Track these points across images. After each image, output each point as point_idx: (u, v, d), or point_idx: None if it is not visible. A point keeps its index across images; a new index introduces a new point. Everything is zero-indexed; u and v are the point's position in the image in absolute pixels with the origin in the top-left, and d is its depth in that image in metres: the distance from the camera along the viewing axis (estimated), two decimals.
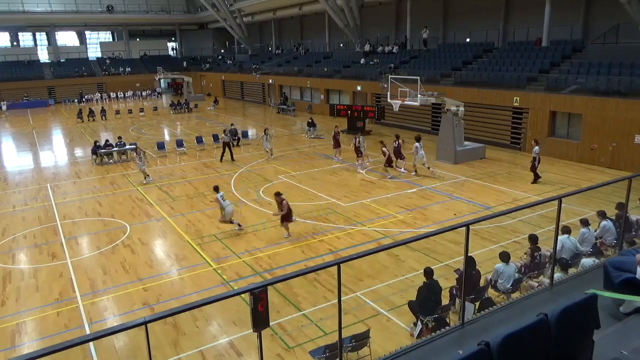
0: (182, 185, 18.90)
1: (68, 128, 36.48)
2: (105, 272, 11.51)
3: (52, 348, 3.62)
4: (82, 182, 20.07)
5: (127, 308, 9.94)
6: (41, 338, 9.05)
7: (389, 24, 38.55)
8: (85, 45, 64.76)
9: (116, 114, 41.49)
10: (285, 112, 39.46)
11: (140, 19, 61.77)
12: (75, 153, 27.04)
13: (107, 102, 52.32)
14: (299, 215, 14.73)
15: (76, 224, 15.04)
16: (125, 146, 24.12)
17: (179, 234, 13.79)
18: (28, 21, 56.55)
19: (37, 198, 17.98)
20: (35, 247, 13.30)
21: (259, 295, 4.72)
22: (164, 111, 43.73)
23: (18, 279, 11.41)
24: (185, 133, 31.27)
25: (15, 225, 15.09)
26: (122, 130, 31.70)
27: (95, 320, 9.52)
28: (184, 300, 10.08)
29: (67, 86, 54.30)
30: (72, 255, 12.58)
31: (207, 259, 11.97)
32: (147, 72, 57.42)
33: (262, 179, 19.13)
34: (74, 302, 10.21)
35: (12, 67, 54.97)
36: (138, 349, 8.22)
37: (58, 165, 24.30)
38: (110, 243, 13.27)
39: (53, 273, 11.63)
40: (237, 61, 55.32)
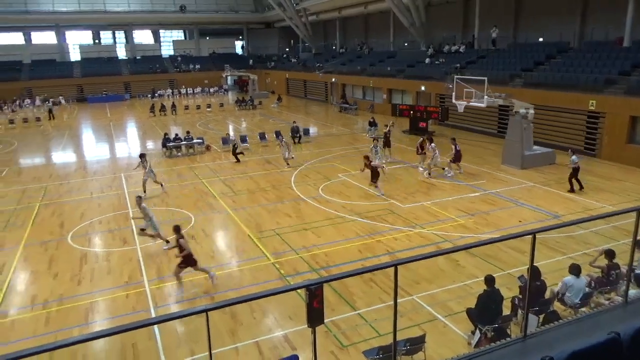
0: (244, 180, 19.44)
1: (141, 121, 38.60)
2: (170, 260, 12.07)
3: (121, 327, 3.87)
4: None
5: (189, 295, 10.39)
6: (111, 317, 9.66)
7: (456, 22, 37.52)
8: (159, 44, 68.10)
9: (185, 109, 43.36)
10: (347, 111, 39.51)
11: (210, 19, 64.12)
12: (147, 145, 28.55)
13: (178, 97, 54.74)
14: (358, 214, 14.74)
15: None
16: (192, 140, 25.16)
17: (240, 227, 14.21)
18: (108, 20, 60.40)
19: (111, 186, 19.18)
20: (109, 232, 14.21)
21: (314, 292, 4.78)
22: (230, 107, 45.17)
23: (93, 261, 12.24)
24: (249, 129, 32.12)
25: (92, 210, 16.18)
26: (190, 125, 33.11)
27: (159, 305, 10.03)
28: (242, 291, 10.39)
29: (141, 82, 57.45)
30: (141, 242, 13.30)
31: (266, 253, 12.26)
32: (215, 69, 59.51)
33: (322, 177, 19.28)
34: (142, 286, 10.80)
35: (93, 63, 58.98)
36: (198, 335, 8.58)
37: (131, 156, 25.79)
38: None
39: (124, 257, 12.37)
40: (301, 60, 56.04)
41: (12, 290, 10.90)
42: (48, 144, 29.99)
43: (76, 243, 13.36)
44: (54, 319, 9.61)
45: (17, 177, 21.34)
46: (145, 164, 17.90)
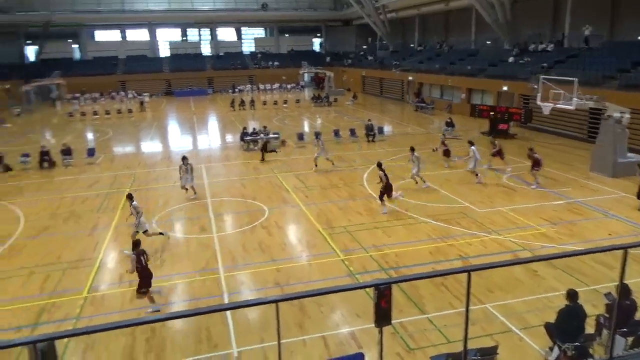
0: (317, 175, 19.70)
1: (221, 115, 40.33)
2: (244, 249, 12.56)
3: (198, 310, 4.12)
4: (230, 165, 22.07)
5: (260, 284, 10.74)
6: (188, 300, 10.23)
7: (544, 19, 35.37)
8: (241, 41, 70.61)
9: (263, 105, 44.67)
10: (422, 110, 38.72)
11: (290, 16, 65.49)
12: (226, 138, 29.80)
13: (256, 93, 56.55)
14: (430, 216, 14.43)
15: (223, 202, 16.62)
16: (269, 135, 25.87)
17: (311, 222, 14.43)
18: (195, 18, 63.60)
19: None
20: (189, 220, 15.02)
21: (383, 292, 4.76)
22: (306, 104, 45.91)
23: (173, 246, 13.00)
24: (323, 126, 32.47)
25: (174, 198, 17.18)
26: (267, 120, 34.07)
27: (232, 291, 10.46)
28: (311, 285, 10.56)
29: (223, 77, 59.97)
30: (218, 231, 13.95)
31: (336, 249, 12.36)
32: (292, 66, 60.69)
33: (395, 176, 19.03)
34: (217, 273, 11.32)
35: (181, 59, 62.45)
36: (267, 324, 8.84)
37: (212, 148, 27.11)
38: (251, 223, 14.42)
39: (201, 244, 13.03)
40: (377, 57, 55.63)
41: (103, 267, 11.87)
42: (138, 134, 32.23)
43: (160, 228, 14.26)
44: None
45: (110, 164, 23.17)
46: (187, 167, 16.73)
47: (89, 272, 11.52)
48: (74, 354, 8.28)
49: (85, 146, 25.82)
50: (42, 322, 9.41)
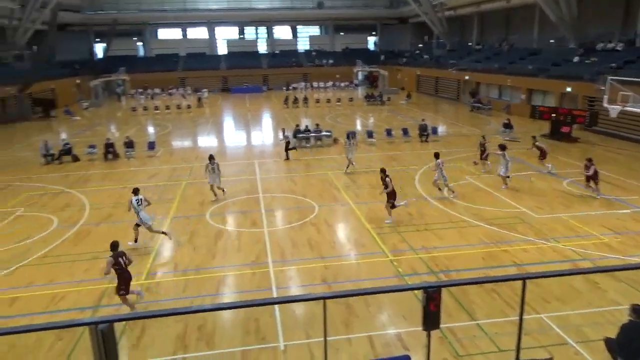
0: (367, 175, 19.60)
1: (275, 112, 40.96)
2: (293, 245, 12.72)
3: (248, 302, 4.22)
4: (282, 162, 22.38)
5: (308, 281, 10.84)
6: (238, 292, 10.49)
7: (614, 17, 33.34)
8: (296, 39, 71.36)
9: (316, 103, 44.95)
10: (479, 111, 37.61)
11: (346, 14, 65.51)
12: (279, 135, 30.22)
13: (310, 91, 56.97)
14: (484, 220, 14.02)
15: (274, 198, 16.90)
16: (321, 133, 26.02)
17: (361, 221, 14.39)
18: (252, 17, 64.92)
19: (245, 171, 20.71)
20: (241, 214, 15.39)
21: (432, 295, 4.68)
22: (359, 102, 45.78)
23: (225, 238, 13.37)
24: (376, 124, 32.26)
25: (228, 192, 17.63)
26: (319, 118, 34.28)
27: (281, 286, 10.63)
28: (359, 284, 10.55)
29: (278, 75, 60.90)
30: (269, 225, 14.20)
31: (385, 249, 12.26)
32: (347, 64, 60.66)
33: (449, 178, 18.64)
34: (266, 267, 11.54)
35: (237, 57, 63.99)
36: (314, 320, 8.92)
37: (265, 145, 27.64)
38: (300, 220, 14.57)
39: (252, 238, 13.31)
40: (433, 56, 54.56)
41: (159, 255, 12.40)
42: (195, 129, 33.35)
43: (213, 220, 14.71)
44: (191, 285, 10.74)
45: (169, 157, 24.14)
46: (213, 166, 16.50)
47: (147, 259, 12.07)
48: (131, 337, 8.71)
49: (146, 139, 27.03)
50: (102, 304, 9.96)
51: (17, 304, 10.09)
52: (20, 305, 10.05)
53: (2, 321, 9.40)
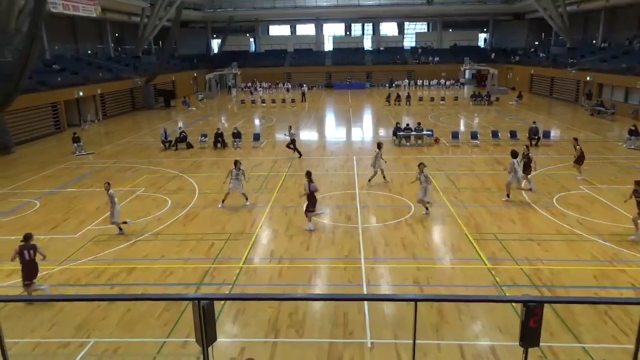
0: (469, 177, 18.83)
1: (376, 109, 40.85)
2: (387, 244, 12.64)
3: (340, 296, 4.29)
4: None
5: (399, 281, 10.72)
6: (329, 284, 10.68)
7: None
8: (403, 35, 70.37)
9: (419, 101, 44.04)
10: (600, 115, 34.22)
11: (456, 10, 63.13)
12: (379, 132, 30.13)
13: (413, 88, 55.93)
14: (599, 234, 12.78)
15: (370, 195, 16.90)
16: (422, 131, 25.46)
17: (459, 224, 13.88)
18: (360, 13, 65.12)
19: (344, 167, 20.96)
20: (337, 208, 15.62)
21: (533, 310, 4.39)
22: (464, 102, 44.03)
23: (320, 231, 13.66)
24: (481, 126, 30.82)
25: (325, 186, 17.99)
26: (421, 117, 33.55)
27: (372, 283, 10.63)
28: (452, 289, 10.20)
29: (382, 72, 60.63)
30: (363, 222, 14.25)
31: (482, 256, 11.71)
32: (453, 62, 58.59)
33: (559, 186, 17.30)
34: (358, 263, 11.60)
35: (343, 53, 64.78)
36: (403, 321, 8.81)
37: (364, 141, 27.71)
38: (395, 219, 14.43)
39: (346, 233, 13.45)
40: (550, 54, 50.61)
41: (257, 242, 13.03)
42: (298, 123, 34.40)
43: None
44: (285, 273, 11.15)
45: (271, 149, 25.21)
46: (238, 172, 15.54)
47: (246, 245, 12.75)
48: (228, 315, 9.28)
49: (252, 131, 28.48)
50: (205, 282, 10.72)
51: (134, 274, 11.23)
52: (137, 275, 11.18)
53: (122, 288, 10.53)
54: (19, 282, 10.58)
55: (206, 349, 4.35)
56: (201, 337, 4.36)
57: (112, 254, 12.33)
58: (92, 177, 20.06)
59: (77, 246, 12.82)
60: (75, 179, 19.81)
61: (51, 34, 39.43)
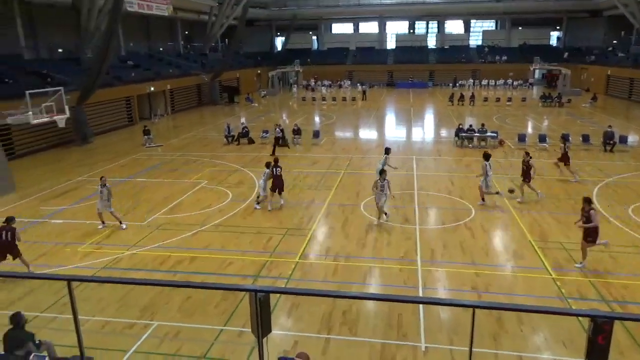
0: (535, 181, 17.92)
1: (439, 109, 39.94)
2: (444, 247, 12.35)
3: (392, 297, 4.25)
4: (441, 160, 21.78)
5: (456, 286, 10.44)
6: (384, 284, 10.60)
7: None
8: (469, 34, 68.26)
9: (484, 101, 42.58)
10: None
11: (526, 8, 60.28)
12: (440, 133, 29.46)
13: (478, 88, 54.13)
14: None
15: (429, 196, 16.57)
16: (486, 133, 24.62)
17: (522, 231, 13.30)
18: (424, 11, 63.82)
19: (403, 167, 20.65)
20: (394, 208, 15.42)
21: (602, 326, 4.12)
22: (533, 103, 42.08)
23: (377, 230, 13.57)
24: (550, 129, 29.32)
25: None
26: (486, 118, 32.42)
27: (428, 286, 10.43)
28: (512, 298, 9.81)
29: (445, 71, 59.18)
30: (421, 223, 14.00)
31: (547, 266, 11.16)
32: (522, 61, 56.02)
33: (635, 195, 16.14)
34: (414, 265, 11.42)
35: (405, 51, 63.85)
36: (459, 327, 8.58)
37: (424, 141, 27.20)
38: (455, 222, 14.06)
39: (403, 234, 13.28)
40: (630, 54, 47.19)
41: (314, 238, 13.16)
42: (357, 121, 34.35)
43: (367, 212, 15.04)
44: (340, 271, 11.19)
45: (330, 146, 25.33)
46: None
47: (303, 240, 12.91)
48: (282, 309, 9.45)
49: (312, 128, 28.75)
50: (262, 275, 10.98)
51: (196, 262, 11.70)
52: (198, 263, 11.65)
53: (184, 275, 11.00)
54: (93, 264, 11.34)
55: (261, 340, 4.46)
56: (257, 328, 4.46)
57: (175, 242, 12.91)
58: (160, 168, 21.08)
59: (144, 233, 13.54)
60: (145, 170, 20.91)
61: (127, 32, 41.77)
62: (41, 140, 25.52)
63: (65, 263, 11.74)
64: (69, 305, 4.26)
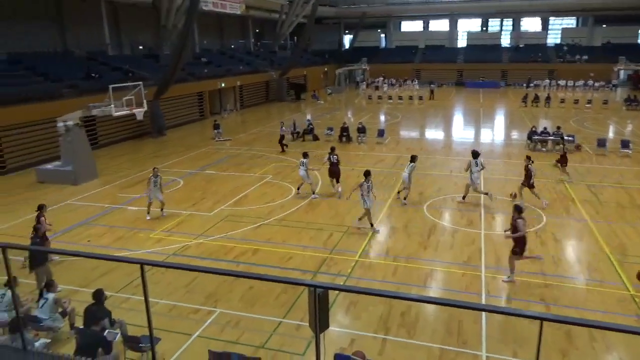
0: (615, 190, 16.79)
1: (511, 110, 38.25)
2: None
3: (453, 302, 4.11)
4: (511, 164, 20.85)
5: (522, 295, 9.98)
6: (445, 289, 10.35)
7: None
8: (546, 32, 64.73)
9: (560, 103, 40.21)
10: None
11: (614, 4, 55.87)
12: (512, 135, 28.21)
13: (554, 89, 51.22)
14: None
15: (496, 200, 15.92)
16: (562, 136, 23.25)
17: (598, 242, 12.46)
18: (499, 8, 61.09)
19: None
20: (458, 211, 15.01)
21: None
22: (615, 105, 39.23)
23: (439, 233, 13.26)
24: (635, 134, 27.21)
25: (448, 187, 17.39)
26: (562, 120, 30.61)
27: (491, 294, 10.05)
28: (584, 313, 9.23)
29: (519, 70, 56.45)
30: (486, 228, 13.51)
31: (625, 281, 10.38)
32: (605, 61, 52.25)
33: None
34: (478, 270, 11.05)
35: (476, 50, 61.65)
36: (523, 338, 8.19)
37: (493, 143, 26.17)
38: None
39: (467, 238, 12.88)
40: None
41: (374, 237, 13.07)
42: (424, 121, 33.68)
43: (429, 213, 14.74)
44: (400, 272, 11.06)
45: (395, 146, 25.03)
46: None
47: (363, 239, 12.87)
48: (340, 306, 9.49)
49: (377, 127, 28.54)
50: (321, 271, 11.08)
51: (258, 254, 12.02)
52: (260, 256, 11.96)
53: (246, 266, 11.34)
54: (163, 250, 11.97)
55: (318, 335, 4.50)
56: (314, 323, 4.51)
57: (240, 234, 13.33)
58: (227, 162, 21.84)
59: (211, 223, 14.09)
60: (214, 162, 21.74)
61: (201, 29, 43.53)
62: (121, 132, 27.26)
63: (138, 248, 12.49)
64: (141, 287, 4.52)
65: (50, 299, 8.33)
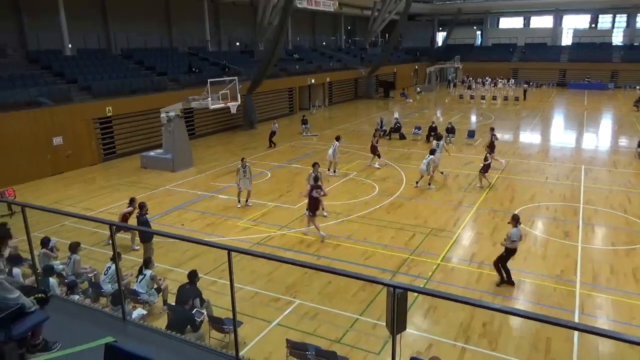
0: None
1: (620, 115, 34.93)
2: (612, 271, 10.84)
3: (543, 317, 3.81)
4: (617, 173, 19.08)
5: (623, 318, 9.12)
6: (533, 302, 9.74)
7: None
8: None
9: None
10: None
11: None
12: (619, 141, 25.78)
13: None
14: None
15: (598, 212, 14.67)
16: None
17: None
18: (611, 3, 55.68)
19: (568, 176, 18.59)
20: (553, 221, 14.01)
21: None
22: None
23: (530, 242, 12.47)
24: None
25: (543, 195, 16.30)
26: None
27: (586, 312, 9.30)
28: None
29: (631, 71, 51.26)
30: (585, 241, 12.48)
31: None
32: None
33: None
34: (572, 286, 10.26)
35: (583, 48, 56.89)
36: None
37: (597, 150, 24.07)
38: (628, 244, 12.24)
39: (561, 250, 12.00)
40: None
41: (458, 242, 12.64)
42: (519, 123, 31.80)
43: (522, 221, 13.89)
44: (484, 279, 10.59)
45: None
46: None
47: (447, 242, 12.49)
48: (419, 308, 9.29)
49: (467, 127, 27.45)
50: (401, 272, 10.92)
51: (339, 250, 12.13)
52: (341, 251, 12.06)
53: (326, 260, 11.49)
54: (249, 238, 12.48)
55: (395, 336, 4.45)
56: (391, 324, 4.46)
57: (322, 228, 13.51)
58: (313, 157, 22.18)
59: (294, 216, 14.46)
60: (300, 157, 22.25)
61: (295, 26, 44.57)
62: (215, 124, 28.80)
63: (226, 235, 13.14)
64: (227, 272, 4.76)
65: (147, 275, 9.07)
